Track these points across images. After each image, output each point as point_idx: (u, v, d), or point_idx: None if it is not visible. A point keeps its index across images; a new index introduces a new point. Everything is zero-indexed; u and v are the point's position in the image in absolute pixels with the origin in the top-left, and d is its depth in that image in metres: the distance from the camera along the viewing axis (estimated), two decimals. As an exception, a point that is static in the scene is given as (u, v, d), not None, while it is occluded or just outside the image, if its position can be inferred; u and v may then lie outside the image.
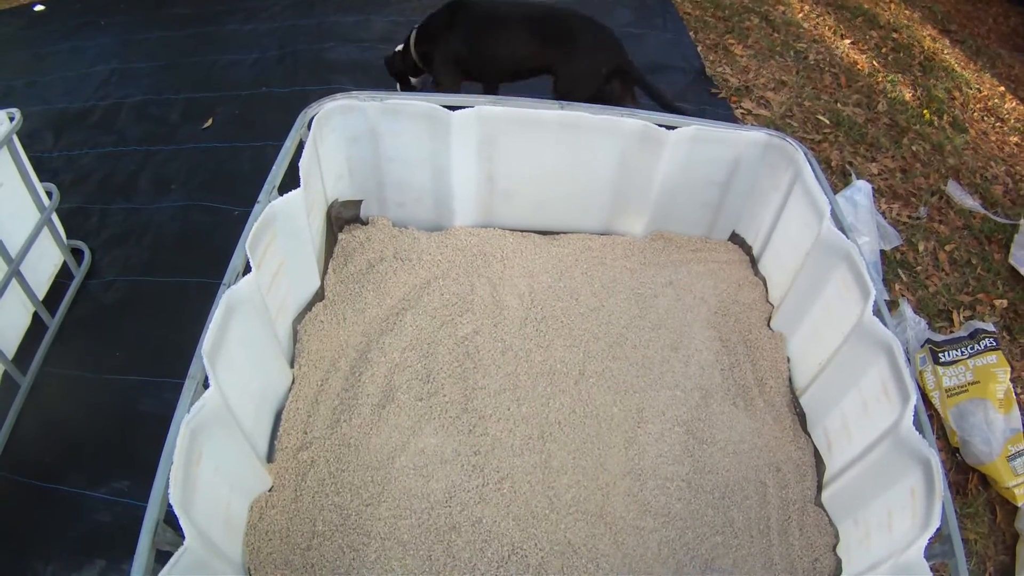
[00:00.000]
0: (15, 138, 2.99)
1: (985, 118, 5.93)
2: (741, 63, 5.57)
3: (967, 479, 3.54)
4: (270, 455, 2.50)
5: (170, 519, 1.79)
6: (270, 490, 2.40)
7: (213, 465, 2.01)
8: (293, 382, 2.68)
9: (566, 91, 3.93)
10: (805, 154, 2.98)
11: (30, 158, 3.16)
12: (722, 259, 3.41)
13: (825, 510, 2.66)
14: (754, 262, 3.39)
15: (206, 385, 2.01)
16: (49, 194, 3.35)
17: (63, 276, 3.50)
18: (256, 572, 2.21)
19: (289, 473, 2.45)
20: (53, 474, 2.87)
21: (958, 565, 2.03)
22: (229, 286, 2.22)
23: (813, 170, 2.92)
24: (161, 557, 1.74)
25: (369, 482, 2.45)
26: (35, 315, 3.30)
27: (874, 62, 6.10)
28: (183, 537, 1.74)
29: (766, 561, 2.52)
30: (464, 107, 2.93)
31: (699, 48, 5.53)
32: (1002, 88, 6.39)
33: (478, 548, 2.36)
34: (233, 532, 2.23)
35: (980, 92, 6.21)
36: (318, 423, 2.59)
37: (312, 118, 2.83)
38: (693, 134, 3.04)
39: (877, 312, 2.51)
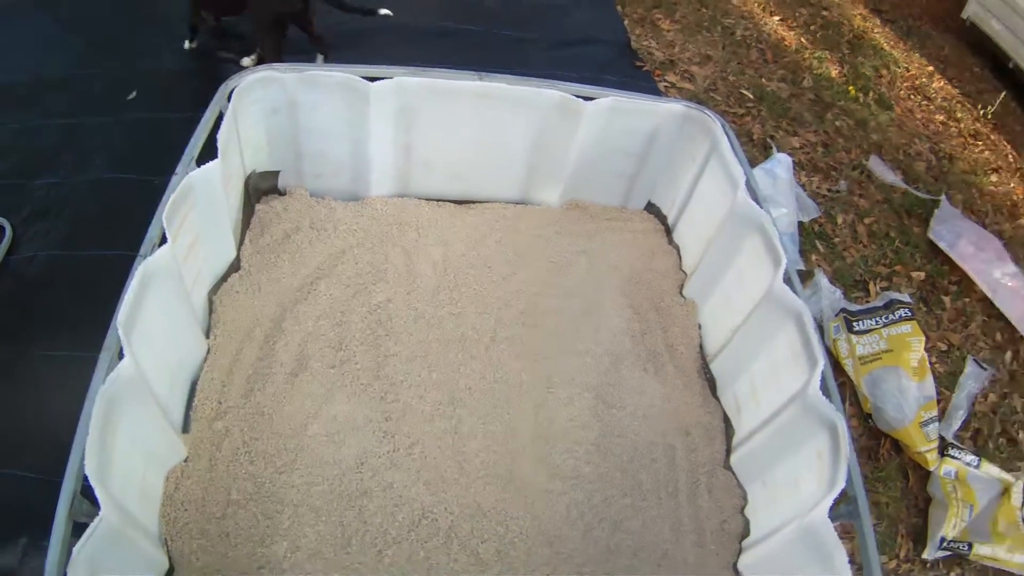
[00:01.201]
0: (-67, 115, 2.93)
1: (912, 96, 6.04)
2: (667, 37, 5.59)
3: (879, 444, 3.63)
4: (185, 425, 2.50)
5: (87, 492, 1.79)
6: (185, 460, 2.40)
7: (128, 436, 2.01)
8: (208, 352, 2.68)
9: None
10: (723, 126, 3.04)
11: (-50, 134, 3.11)
12: (637, 228, 3.46)
13: (734, 473, 2.74)
14: (669, 231, 3.45)
15: (122, 356, 2.02)
16: (-31, 172, 3.29)
17: (-17, 254, 3.44)
18: (173, 542, 2.23)
19: (204, 443, 2.46)
20: (-29, 454, 2.84)
21: (863, 525, 2.12)
22: (145, 257, 2.22)
23: (730, 142, 2.98)
24: (79, 529, 1.75)
25: (282, 450, 2.48)
26: (-44, 294, 3.22)
27: (802, 39, 6.16)
28: (99, 508, 1.75)
29: (675, 523, 2.59)
30: (382, 78, 2.93)
31: (625, 22, 5.53)
32: (931, 68, 6.49)
33: (389, 513, 2.40)
34: (149, 503, 2.24)
35: (908, 71, 6.31)
36: (232, 393, 2.59)
37: (232, 90, 2.82)
38: (611, 105, 3.07)
39: (788, 280, 2.59)
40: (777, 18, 6.29)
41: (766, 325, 2.66)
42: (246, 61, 4.40)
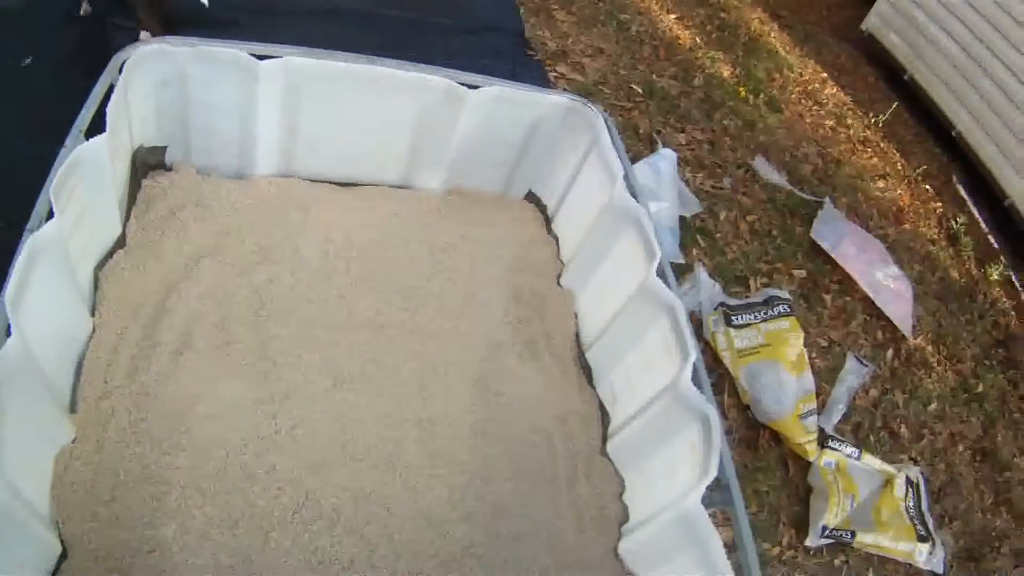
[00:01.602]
0: None
1: (803, 100, 6.22)
2: (562, 28, 5.63)
3: (758, 435, 3.77)
4: (73, 405, 2.45)
5: None
6: (74, 441, 2.36)
7: (17, 415, 1.97)
8: (94, 330, 2.63)
9: None
10: (605, 120, 3.11)
11: None
12: (517, 216, 3.51)
13: (611, 460, 2.82)
14: (548, 221, 3.51)
15: (8, 333, 1.98)
16: None
17: None
18: (65, 524, 2.20)
19: (91, 424, 2.42)
20: None
21: (737, 511, 2.23)
22: (33, 231, 2.17)
23: (611, 136, 3.05)
24: None
25: (169, 430, 2.45)
26: None
27: (697, 38, 6.27)
28: None
29: (555, 508, 2.66)
30: (274, 56, 2.92)
31: (522, 11, 5.51)
32: (825, 74, 6.70)
33: (273, 495, 2.41)
34: (40, 484, 2.20)
35: (802, 76, 6.49)
36: (118, 372, 2.55)
37: (124, 62, 2.77)
38: (496, 94, 3.11)
39: (662, 274, 2.68)
40: (674, 16, 6.37)
41: (640, 317, 2.75)
42: (145, 35, 4.30)
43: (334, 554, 2.36)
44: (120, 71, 2.72)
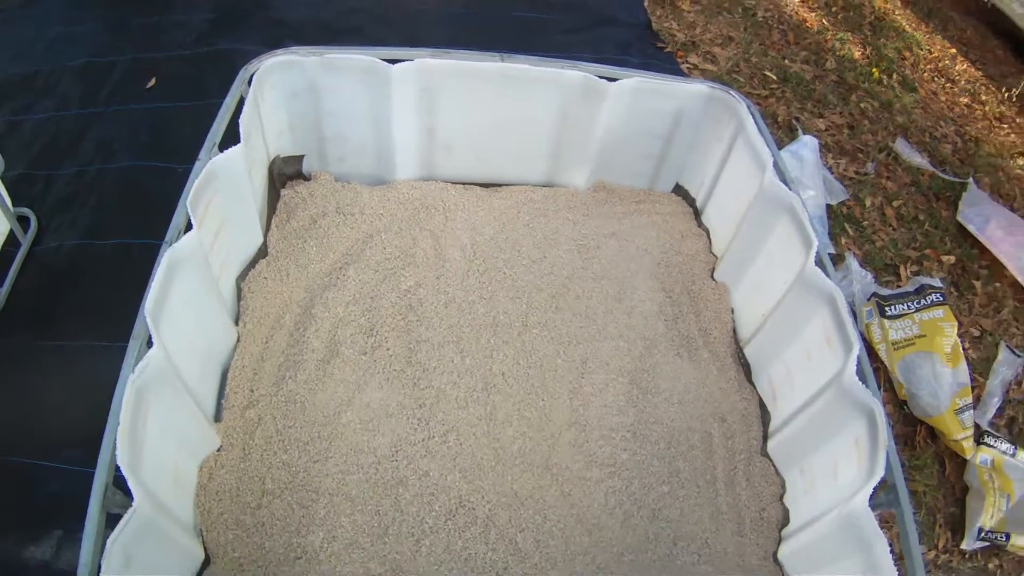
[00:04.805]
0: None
1: (935, 79, 5.97)
2: (688, 18, 5.55)
3: (915, 431, 3.58)
4: (217, 414, 2.47)
5: (120, 483, 1.77)
6: (218, 450, 2.38)
7: (160, 425, 1.98)
8: (238, 340, 2.65)
9: None
10: (748, 107, 2.98)
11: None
12: (665, 210, 3.40)
13: (771, 460, 2.69)
14: (697, 213, 3.40)
15: (151, 344, 1.99)
16: (-7, 163, 3.26)
17: (10, 244, 3.39)
18: (208, 532, 2.21)
19: (237, 432, 2.44)
20: (5, 446, 2.81)
21: (904, 513, 2.07)
22: (171, 244, 2.19)
23: (756, 123, 2.93)
24: (113, 521, 1.72)
25: (316, 438, 2.44)
26: (-18, 286, 3.20)
27: (823, 20, 6.10)
28: (132, 499, 1.72)
29: (713, 511, 2.54)
30: (404, 60, 2.90)
31: (646, 3, 5.49)
32: (953, 50, 6.41)
33: (426, 502, 2.36)
34: (183, 493, 2.21)
35: (931, 53, 6.23)
36: (264, 380, 2.57)
37: (252, 75, 2.79)
38: (634, 86, 3.02)
39: (819, 263, 2.53)
40: (798, -1, 6.22)
41: (799, 309, 2.61)
42: None
43: (488, 561, 2.31)
44: (249, 83, 2.74)
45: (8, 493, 2.72)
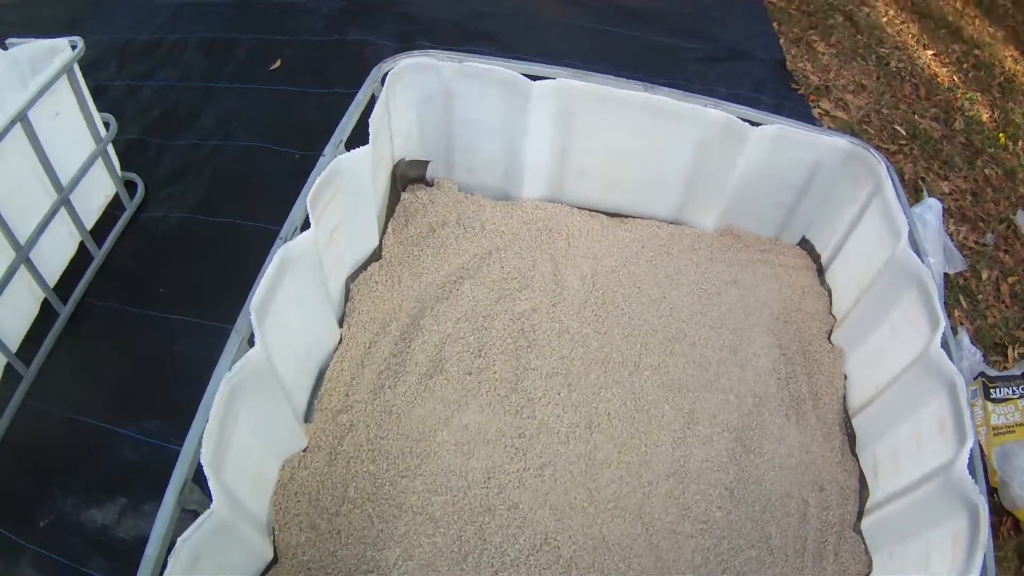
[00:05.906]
0: (76, 67, 2.91)
1: (1065, 149, 5.78)
2: (823, 61, 5.43)
3: (1000, 521, 3.44)
4: (308, 414, 2.46)
5: (198, 477, 1.76)
6: (304, 450, 2.36)
7: (250, 426, 1.97)
8: (340, 341, 2.63)
9: None
10: (888, 168, 2.87)
11: (92, 85, 3.08)
12: (789, 263, 3.31)
13: (863, 538, 2.58)
14: (821, 271, 3.29)
15: (251, 342, 1.97)
16: (107, 124, 3.26)
17: (114, 208, 3.42)
18: (281, 531, 2.19)
19: (326, 435, 2.41)
20: (84, 406, 2.83)
21: (993, 620, 1.97)
22: (285, 240, 2.17)
23: (894, 186, 2.82)
24: (185, 514, 1.73)
25: (407, 453, 2.41)
26: (81, 245, 3.22)
27: (954, 77, 5.93)
28: (211, 499, 1.71)
29: (797, 583, 2.45)
30: (545, 77, 2.85)
31: (781, 41, 5.39)
32: (1083, 121, 6.22)
33: (511, 534, 2.31)
34: (261, 489, 2.20)
35: (1060, 122, 6.04)
36: (361, 387, 2.54)
37: (386, 73, 2.77)
38: (776, 134, 2.94)
39: (944, 345, 2.41)
40: (931, 52, 6.05)
41: (916, 390, 2.49)
42: None
43: (563, 603, 2.24)
44: (382, 82, 2.71)
45: (77, 453, 2.73)
